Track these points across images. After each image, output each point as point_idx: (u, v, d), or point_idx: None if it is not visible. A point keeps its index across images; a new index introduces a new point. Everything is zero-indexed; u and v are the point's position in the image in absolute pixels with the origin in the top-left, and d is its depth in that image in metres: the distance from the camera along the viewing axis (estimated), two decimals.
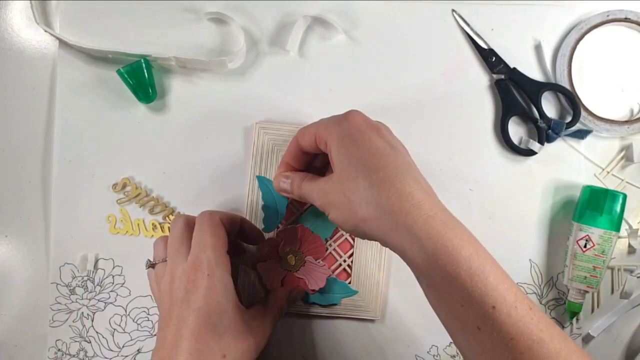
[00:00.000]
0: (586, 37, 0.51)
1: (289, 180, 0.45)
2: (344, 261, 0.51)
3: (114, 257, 0.51)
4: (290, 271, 0.49)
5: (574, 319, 0.52)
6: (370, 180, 0.36)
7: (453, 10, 0.52)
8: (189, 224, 0.43)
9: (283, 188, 0.45)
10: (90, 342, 0.51)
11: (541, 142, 0.51)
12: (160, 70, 0.51)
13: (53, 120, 0.51)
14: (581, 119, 0.51)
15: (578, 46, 0.51)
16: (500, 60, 0.51)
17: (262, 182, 0.50)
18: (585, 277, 0.49)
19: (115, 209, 0.51)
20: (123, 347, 0.51)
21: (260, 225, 0.50)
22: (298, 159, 0.45)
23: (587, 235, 0.49)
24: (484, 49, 0.51)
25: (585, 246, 0.49)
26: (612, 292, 0.53)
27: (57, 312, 0.51)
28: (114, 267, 0.51)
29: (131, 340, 0.51)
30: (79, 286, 0.51)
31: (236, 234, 0.46)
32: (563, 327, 0.52)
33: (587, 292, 0.50)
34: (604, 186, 0.52)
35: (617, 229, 0.49)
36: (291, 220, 0.51)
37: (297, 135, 0.44)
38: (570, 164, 0.52)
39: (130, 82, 0.49)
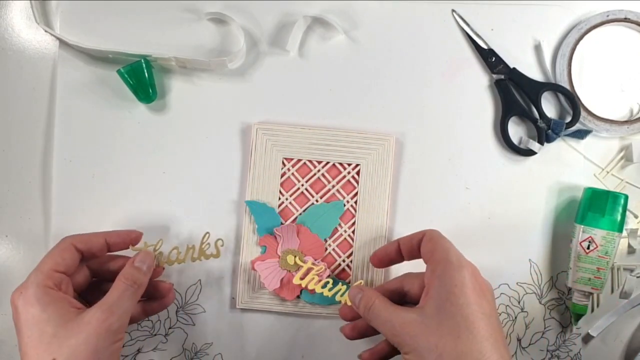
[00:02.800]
0: (586, 37, 0.51)
1: (360, 294, 0.43)
2: (344, 261, 0.51)
3: None
4: (289, 271, 0.49)
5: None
6: (470, 347, 0.36)
7: (453, 10, 0.52)
8: None
9: (352, 301, 0.44)
10: None
11: (541, 142, 0.51)
12: (160, 70, 0.51)
13: (53, 120, 0.51)
14: (581, 119, 0.51)
15: (578, 46, 0.51)
16: (500, 60, 0.51)
17: (252, 206, 0.50)
18: (590, 278, 0.49)
19: (115, 208, 0.51)
20: (123, 347, 0.51)
21: (255, 232, 0.50)
22: (389, 256, 0.46)
23: (590, 237, 0.49)
24: (483, 49, 0.51)
25: (588, 248, 0.49)
26: (612, 291, 0.53)
27: None
28: None
29: (131, 340, 0.51)
30: None
31: (105, 248, 0.45)
32: (563, 328, 0.53)
33: (591, 293, 0.50)
34: (603, 186, 0.52)
35: (620, 230, 0.49)
36: (290, 219, 0.51)
37: (410, 237, 0.44)
38: (570, 164, 0.52)
39: (131, 82, 0.49)
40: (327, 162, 0.51)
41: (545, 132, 0.51)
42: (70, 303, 0.41)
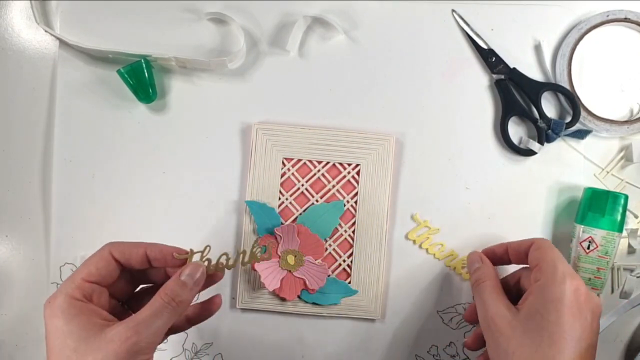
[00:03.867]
0: (586, 37, 0.51)
1: (478, 264, 0.46)
2: (344, 261, 0.51)
3: None
4: (290, 271, 0.49)
5: None
6: None
7: (453, 10, 0.52)
8: None
9: (469, 264, 0.47)
10: None
11: (541, 142, 0.51)
12: (160, 70, 0.51)
13: (53, 120, 0.51)
14: (581, 119, 0.51)
15: (578, 46, 0.51)
16: (500, 60, 0.51)
17: (252, 206, 0.50)
18: (590, 278, 0.49)
19: (115, 209, 0.51)
20: None
21: (255, 232, 0.50)
22: (495, 255, 0.48)
23: (590, 237, 0.49)
24: (483, 49, 0.51)
25: (588, 248, 0.49)
26: (612, 291, 0.53)
27: None
28: None
29: None
30: None
31: (145, 261, 0.41)
32: None
33: None
34: (603, 186, 0.52)
35: (620, 230, 0.49)
36: (290, 219, 0.51)
37: (519, 242, 0.46)
38: (570, 164, 0.52)
39: (131, 82, 0.49)
40: (327, 162, 0.51)
41: (545, 132, 0.51)
42: (99, 315, 0.38)
